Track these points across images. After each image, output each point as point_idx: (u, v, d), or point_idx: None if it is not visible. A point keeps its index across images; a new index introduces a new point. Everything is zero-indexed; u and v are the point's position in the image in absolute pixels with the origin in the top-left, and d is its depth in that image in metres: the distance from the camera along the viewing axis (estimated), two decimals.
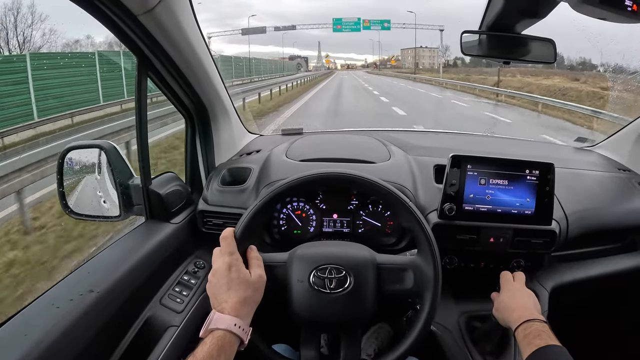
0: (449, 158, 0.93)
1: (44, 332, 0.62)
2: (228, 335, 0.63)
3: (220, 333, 0.62)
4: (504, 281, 0.89)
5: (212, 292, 0.69)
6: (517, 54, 0.99)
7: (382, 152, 1.16)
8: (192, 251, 1.04)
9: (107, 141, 0.95)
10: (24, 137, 5.01)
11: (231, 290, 0.67)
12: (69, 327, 0.65)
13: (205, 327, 0.64)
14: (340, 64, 73.29)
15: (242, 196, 1.05)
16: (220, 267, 0.69)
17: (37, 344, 0.60)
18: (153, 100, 4.58)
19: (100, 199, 1.01)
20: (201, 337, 0.63)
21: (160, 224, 0.97)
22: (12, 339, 0.61)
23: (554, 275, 1.07)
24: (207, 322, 0.64)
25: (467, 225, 0.94)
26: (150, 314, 0.85)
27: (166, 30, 0.82)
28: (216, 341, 0.61)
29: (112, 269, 0.80)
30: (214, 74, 1.04)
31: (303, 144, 1.24)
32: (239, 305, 0.66)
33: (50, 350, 0.61)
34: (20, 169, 3.28)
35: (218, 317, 0.64)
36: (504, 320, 0.82)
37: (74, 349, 0.66)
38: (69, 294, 0.71)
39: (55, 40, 7.09)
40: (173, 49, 0.87)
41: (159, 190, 0.96)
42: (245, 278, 0.69)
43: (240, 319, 0.65)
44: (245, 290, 0.68)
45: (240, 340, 0.65)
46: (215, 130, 1.18)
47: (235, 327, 0.64)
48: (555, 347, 0.68)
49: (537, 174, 0.93)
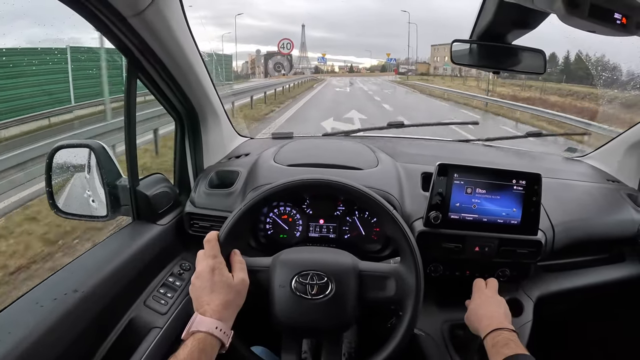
0: (435, 166, 0.93)
1: (27, 330, 0.63)
2: (209, 337, 0.63)
3: (201, 335, 0.63)
4: (476, 288, 0.90)
5: (195, 294, 0.69)
6: (508, 64, 1.00)
7: (370, 159, 1.16)
8: (178, 253, 1.04)
9: (96, 141, 0.95)
10: None
11: (214, 293, 0.68)
12: (52, 326, 0.66)
13: (187, 329, 0.64)
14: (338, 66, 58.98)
15: (229, 199, 1.05)
16: (203, 270, 0.70)
17: (19, 342, 0.60)
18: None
19: (89, 198, 1.01)
20: (183, 339, 0.64)
21: (147, 225, 0.98)
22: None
23: (540, 285, 1.07)
24: (189, 324, 0.65)
25: (452, 233, 0.95)
26: (134, 315, 0.85)
27: (156, 33, 0.82)
28: (197, 343, 0.62)
29: (96, 269, 0.80)
30: (204, 77, 1.04)
31: (291, 149, 1.24)
32: (221, 308, 0.67)
33: (33, 349, 0.61)
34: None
35: (200, 320, 0.65)
36: (474, 328, 0.83)
37: (56, 348, 0.66)
38: (53, 293, 0.71)
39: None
40: (163, 51, 0.87)
41: (146, 191, 0.96)
42: (228, 281, 0.70)
43: (221, 321, 0.65)
44: (228, 293, 0.69)
45: (221, 343, 0.65)
46: (204, 132, 1.18)
47: (216, 330, 0.64)
48: (523, 356, 0.69)
49: (524, 184, 0.93)
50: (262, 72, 44.72)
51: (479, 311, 0.83)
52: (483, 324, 0.79)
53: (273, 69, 42.33)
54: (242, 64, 47.17)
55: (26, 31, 4.92)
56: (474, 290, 0.90)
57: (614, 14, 0.62)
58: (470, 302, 0.88)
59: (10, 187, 3.16)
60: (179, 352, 0.61)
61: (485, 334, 0.76)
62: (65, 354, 0.67)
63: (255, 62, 47.09)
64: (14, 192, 3.22)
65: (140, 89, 0.92)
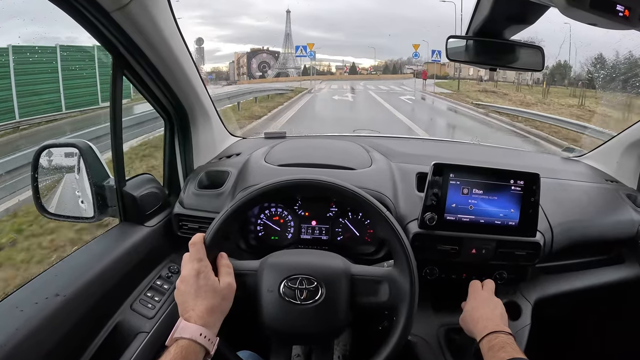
0: (431, 166, 0.91)
1: (6, 336, 0.61)
2: (193, 345, 0.61)
3: (185, 342, 0.60)
4: (472, 290, 0.87)
5: (180, 299, 0.67)
6: (505, 61, 0.98)
7: (364, 158, 1.14)
8: (167, 255, 1.02)
9: (83, 140, 0.93)
10: None
11: (199, 298, 0.65)
12: (32, 331, 0.64)
13: (171, 336, 0.62)
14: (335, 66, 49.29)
15: (218, 200, 1.03)
16: (188, 274, 0.67)
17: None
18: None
19: (79, 199, 0.99)
20: (167, 345, 0.61)
21: (134, 227, 0.95)
22: None
23: (538, 287, 1.05)
24: (173, 330, 0.62)
25: (448, 235, 0.92)
26: (120, 319, 0.83)
27: (141, 28, 0.80)
28: (180, 350, 0.59)
29: (81, 272, 0.78)
30: (193, 75, 1.02)
31: (283, 149, 1.22)
32: (206, 313, 0.64)
33: (13, 355, 0.60)
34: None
35: (184, 326, 0.62)
36: (469, 331, 0.81)
37: (37, 353, 0.64)
38: (34, 297, 0.69)
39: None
40: (149, 47, 0.85)
41: (133, 192, 0.94)
42: (214, 286, 0.67)
43: (206, 328, 0.63)
44: (213, 298, 0.66)
45: (206, 351, 0.62)
46: (194, 131, 1.15)
47: (200, 336, 0.62)
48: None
49: (522, 184, 0.91)
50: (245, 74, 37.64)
51: (474, 313, 0.81)
52: (479, 327, 0.77)
53: (257, 69, 38.16)
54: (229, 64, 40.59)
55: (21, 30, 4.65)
56: (469, 291, 0.88)
57: (616, 5, 0.60)
58: (465, 304, 0.86)
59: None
60: (162, 359, 0.59)
61: (481, 337, 0.74)
62: (46, 359, 0.65)
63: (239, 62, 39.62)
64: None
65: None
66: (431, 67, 42.46)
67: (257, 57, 39.10)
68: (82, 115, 5.39)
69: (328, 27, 78.19)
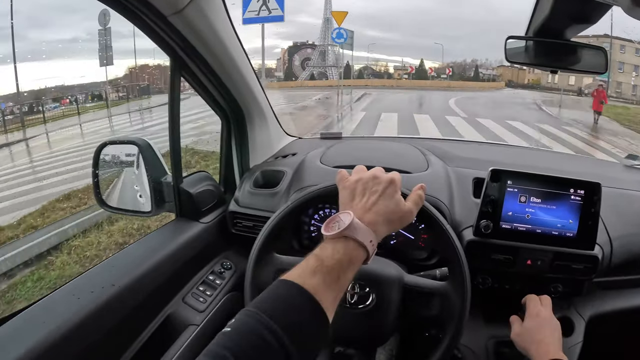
0: (488, 172, 0.88)
1: (61, 320, 0.64)
2: (360, 251, 0.54)
3: (353, 245, 0.54)
4: (531, 306, 0.83)
5: (356, 189, 0.61)
6: (566, 63, 0.93)
7: (420, 162, 1.11)
8: (220, 251, 1.05)
9: (142, 138, 0.97)
10: None
11: (382, 199, 0.59)
12: (86, 317, 0.67)
13: (333, 228, 0.55)
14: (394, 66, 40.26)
15: (273, 200, 1.04)
16: (384, 177, 0.62)
17: (53, 332, 0.62)
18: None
19: (137, 193, 1.03)
20: (326, 234, 0.55)
21: (190, 223, 0.98)
22: (30, 325, 0.63)
23: (593, 303, 0.99)
24: (336, 222, 0.55)
25: (503, 244, 0.89)
26: (172, 310, 0.86)
27: (198, 31, 0.82)
28: (349, 252, 0.53)
29: (136, 264, 0.81)
30: (249, 75, 1.03)
31: (339, 150, 1.21)
32: (381, 219, 0.57)
33: (66, 339, 0.62)
34: None
35: (357, 225, 0.54)
36: (524, 349, 0.77)
37: (89, 339, 0.67)
38: (91, 286, 0.73)
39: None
40: (206, 49, 0.88)
41: (189, 188, 0.97)
42: (399, 201, 0.61)
43: (376, 235, 0.56)
44: (393, 211, 0.59)
45: (364, 261, 0.56)
46: (251, 131, 1.17)
47: (370, 244, 0.55)
48: None
49: (582, 193, 0.86)
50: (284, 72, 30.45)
51: (535, 334, 0.77)
52: (540, 351, 0.73)
53: (300, 66, 32.61)
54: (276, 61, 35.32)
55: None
56: (528, 306, 0.84)
57: None
58: (525, 320, 0.82)
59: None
60: (322, 253, 0.52)
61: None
62: (97, 345, 0.68)
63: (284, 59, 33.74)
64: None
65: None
66: (507, 71, 36.29)
67: (300, 53, 32.53)
68: None
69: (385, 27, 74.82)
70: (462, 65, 38.72)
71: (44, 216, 3.68)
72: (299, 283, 0.49)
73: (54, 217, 3.66)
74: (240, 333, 0.44)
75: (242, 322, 0.45)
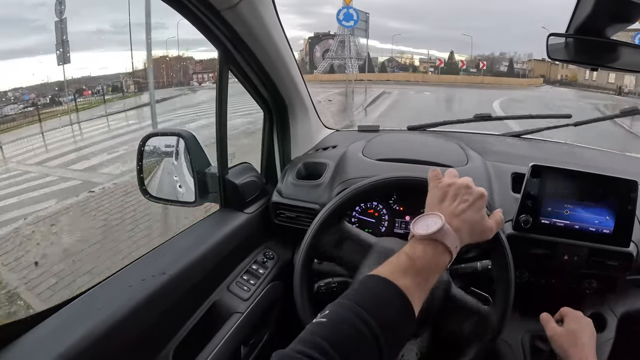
0: (529, 167, 0.88)
1: (115, 307, 0.66)
2: (447, 256, 0.56)
3: (442, 249, 0.56)
4: (571, 312, 0.82)
5: (448, 192, 0.62)
6: (606, 60, 0.93)
7: (460, 156, 1.12)
8: (263, 242, 1.06)
9: (186, 129, 0.98)
10: None
11: (469, 211, 0.61)
12: (138, 305, 0.69)
13: (423, 227, 0.57)
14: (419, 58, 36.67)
15: (317, 191, 1.05)
16: (476, 189, 0.63)
17: (107, 318, 0.64)
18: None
19: (177, 183, 1.05)
20: (418, 233, 0.57)
21: (234, 213, 1.00)
22: (87, 311, 0.65)
23: (626, 300, 0.98)
24: (426, 222, 0.57)
25: (542, 239, 0.89)
26: (217, 298, 0.88)
27: (248, 26, 0.84)
28: (437, 255, 0.55)
29: (184, 253, 0.83)
30: (294, 69, 1.05)
31: (379, 143, 1.21)
32: (466, 229, 0.59)
33: (119, 325, 0.64)
34: None
35: (447, 230, 0.56)
36: (561, 348, 0.77)
37: (141, 325, 0.69)
38: (142, 274, 0.75)
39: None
40: (255, 43, 0.89)
41: (234, 180, 0.99)
42: (485, 215, 0.64)
43: (460, 242, 0.58)
44: (479, 223, 0.62)
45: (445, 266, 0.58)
46: (292, 123, 1.19)
47: (455, 249, 0.57)
48: None
49: (619, 190, 0.86)
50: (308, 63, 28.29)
51: (577, 338, 0.75)
52: (580, 354, 0.73)
53: (321, 58, 29.21)
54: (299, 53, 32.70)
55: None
56: (567, 312, 0.82)
57: None
58: (568, 321, 0.80)
59: None
60: (411, 252, 0.55)
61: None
62: (149, 332, 0.70)
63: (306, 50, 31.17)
64: None
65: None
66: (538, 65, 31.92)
67: (322, 44, 29.71)
68: None
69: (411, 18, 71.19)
70: (489, 58, 35.10)
71: None
72: (392, 280, 0.50)
73: None
74: (335, 323, 0.45)
75: (336, 313, 0.46)
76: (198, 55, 25.69)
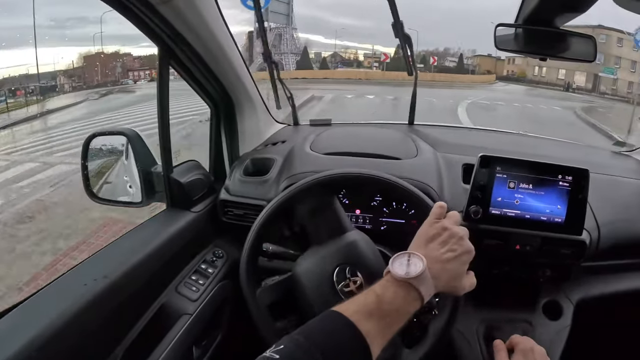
0: (477, 158, 0.88)
1: (56, 314, 0.64)
2: (419, 303, 0.54)
3: (414, 295, 0.54)
4: (524, 341, 0.74)
5: (441, 235, 0.61)
6: (555, 50, 0.93)
7: (409, 148, 1.11)
8: (212, 240, 1.05)
9: (130, 128, 0.96)
10: None
11: (453, 261, 0.59)
12: (80, 310, 0.66)
13: (401, 267, 0.55)
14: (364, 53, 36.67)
15: (264, 187, 1.03)
16: (467, 244, 0.62)
17: (48, 326, 0.61)
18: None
19: (127, 184, 1.02)
20: (394, 273, 0.55)
21: (181, 212, 0.98)
22: (25, 320, 0.63)
23: (581, 287, 1.01)
24: (406, 262, 0.56)
25: (493, 230, 0.90)
26: (165, 300, 0.86)
27: (186, 20, 0.82)
28: (409, 301, 0.54)
29: (128, 255, 0.81)
30: (239, 64, 1.03)
31: (328, 137, 1.21)
32: (444, 278, 0.58)
33: (61, 332, 0.62)
34: None
35: (425, 277, 0.55)
36: None
37: (85, 331, 0.67)
38: (83, 279, 0.72)
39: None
40: (195, 37, 0.87)
41: (180, 178, 0.96)
42: (464, 273, 0.62)
43: (434, 290, 0.56)
44: (456, 278, 0.60)
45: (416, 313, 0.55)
46: (240, 119, 1.17)
47: (428, 296, 0.55)
48: None
49: (570, 179, 0.87)
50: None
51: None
52: None
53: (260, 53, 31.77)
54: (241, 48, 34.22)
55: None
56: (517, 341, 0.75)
57: None
58: (515, 355, 0.72)
59: None
60: (381, 292, 0.53)
61: None
62: (93, 337, 0.68)
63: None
64: None
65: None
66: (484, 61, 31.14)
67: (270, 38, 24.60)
68: None
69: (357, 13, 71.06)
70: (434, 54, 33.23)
71: None
72: (354, 322, 0.49)
73: None
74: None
75: (290, 354, 0.45)
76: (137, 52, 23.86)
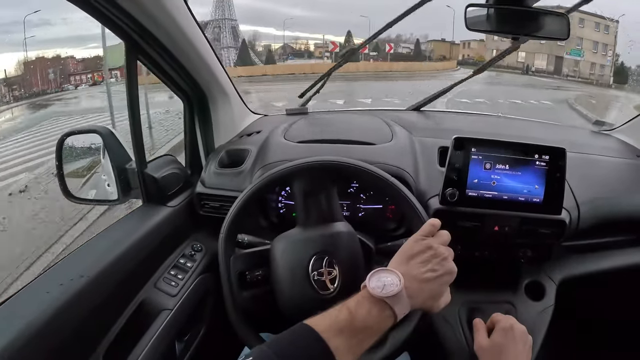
0: (452, 140, 0.88)
1: (33, 316, 0.63)
2: (391, 321, 0.54)
3: (388, 314, 0.54)
4: (503, 319, 0.77)
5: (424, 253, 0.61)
6: (528, 29, 0.92)
7: (385, 133, 1.11)
8: (190, 234, 1.04)
9: (103, 126, 0.95)
10: None
11: (433, 282, 0.59)
12: (57, 311, 0.66)
13: (378, 284, 0.55)
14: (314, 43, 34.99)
15: (239, 178, 1.03)
16: (450, 265, 0.62)
17: (25, 329, 0.61)
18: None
19: (105, 182, 1.01)
20: (370, 289, 0.55)
21: (157, 208, 0.97)
22: (2, 324, 0.62)
23: (563, 266, 1.01)
24: (383, 280, 0.55)
25: (470, 212, 0.90)
26: (144, 297, 0.86)
27: (150, 13, 0.80)
28: (382, 320, 0.54)
29: (104, 253, 0.80)
30: (208, 55, 1.01)
31: (303, 125, 1.20)
32: (421, 297, 0.58)
33: (39, 334, 0.62)
34: None
35: (401, 296, 0.54)
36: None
37: (63, 332, 0.66)
38: (59, 279, 0.71)
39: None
40: (160, 31, 0.85)
41: (154, 173, 0.96)
42: (444, 293, 0.62)
43: (412, 308, 0.56)
44: (434, 298, 0.60)
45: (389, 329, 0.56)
46: (213, 111, 1.16)
47: (402, 314, 0.55)
48: None
49: (547, 159, 0.87)
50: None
51: (506, 352, 0.72)
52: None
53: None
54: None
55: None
56: (498, 319, 0.78)
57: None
58: (495, 333, 0.75)
59: None
60: (354, 308, 0.53)
61: None
62: (73, 337, 0.68)
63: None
64: None
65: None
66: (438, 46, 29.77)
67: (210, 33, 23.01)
68: None
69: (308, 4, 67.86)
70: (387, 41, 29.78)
71: None
72: (324, 338, 0.49)
73: None
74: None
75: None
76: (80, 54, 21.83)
